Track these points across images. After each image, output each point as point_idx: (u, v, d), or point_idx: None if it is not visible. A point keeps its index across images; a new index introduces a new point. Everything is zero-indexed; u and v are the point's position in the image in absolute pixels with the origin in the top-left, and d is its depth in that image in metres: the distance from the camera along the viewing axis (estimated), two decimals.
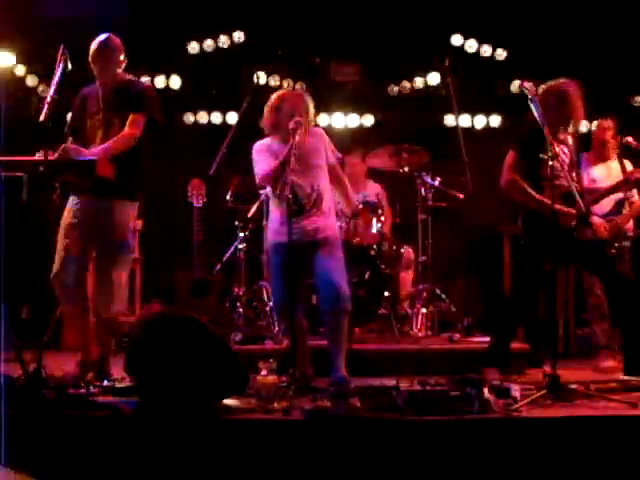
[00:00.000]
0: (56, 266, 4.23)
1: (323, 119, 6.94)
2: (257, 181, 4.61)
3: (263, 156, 4.53)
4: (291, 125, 4.32)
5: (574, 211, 4.40)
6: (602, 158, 5.45)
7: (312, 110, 4.54)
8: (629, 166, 5.36)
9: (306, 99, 4.53)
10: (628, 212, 5.26)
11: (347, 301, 4.33)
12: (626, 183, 4.88)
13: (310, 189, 4.45)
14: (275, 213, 4.56)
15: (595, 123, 5.63)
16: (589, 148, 5.53)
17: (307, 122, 4.47)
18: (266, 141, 4.60)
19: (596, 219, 4.98)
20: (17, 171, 3.77)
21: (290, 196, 4.14)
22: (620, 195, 5.21)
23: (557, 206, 4.16)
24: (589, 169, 5.37)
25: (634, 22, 6.77)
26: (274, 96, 4.60)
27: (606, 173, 5.37)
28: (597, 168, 5.41)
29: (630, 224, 5.35)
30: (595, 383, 4.17)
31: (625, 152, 5.44)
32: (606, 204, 5.16)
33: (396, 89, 7.42)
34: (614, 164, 5.42)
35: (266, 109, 4.57)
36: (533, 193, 4.47)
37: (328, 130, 4.93)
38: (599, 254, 4.54)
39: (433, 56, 7.19)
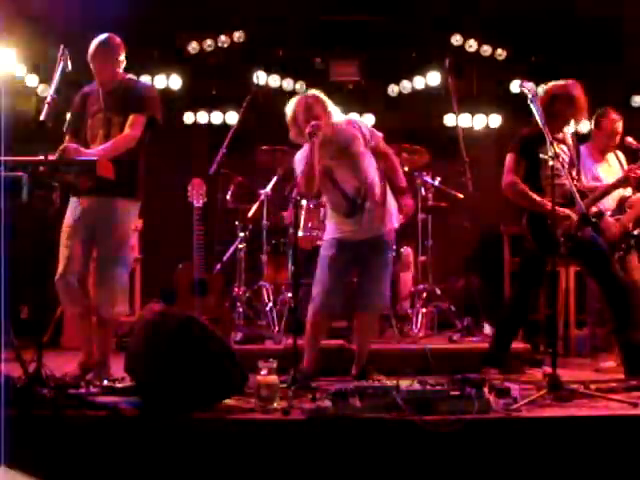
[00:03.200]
0: (60, 268, 4.22)
1: None
2: (298, 191, 4.75)
3: (299, 169, 4.52)
4: (308, 130, 4.32)
5: (575, 215, 4.40)
6: (607, 149, 5.30)
7: (330, 106, 4.52)
8: (623, 159, 5.31)
9: (320, 99, 4.52)
10: (632, 211, 5.12)
11: (385, 308, 4.66)
12: (626, 181, 4.83)
13: (358, 182, 4.43)
14: (330, 211, 4.60)
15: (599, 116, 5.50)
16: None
17: (327, 120, 4.45)
18: (303, 151, 4.56)
19: (608, 220, 4.95)
20: (17, 171, 3.77)
21: (298, 198, 4.19)
22: (621, 192, 5.14)
23: (558, 209, 4.17)
24: (592, 166, 5.25)
25: (634, 22, 6.78)
26: (289, 107, 4.53)
27: (608, 169, 5.31)
28: (600, 165, 5.30)
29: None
30: (595, 383, 4.17)
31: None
32: (610, 203, 5.11)
33: (396, 89, 7.43)
34: (612, 159, 5.35)
35: (287, 121, 4.53)
36: (534, 196, 4.47)
37: None
38: (598, 256, 4.54)
39: (433, 56, 7.20)
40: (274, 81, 7.26)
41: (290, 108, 4.53)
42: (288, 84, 7.28)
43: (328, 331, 4.67)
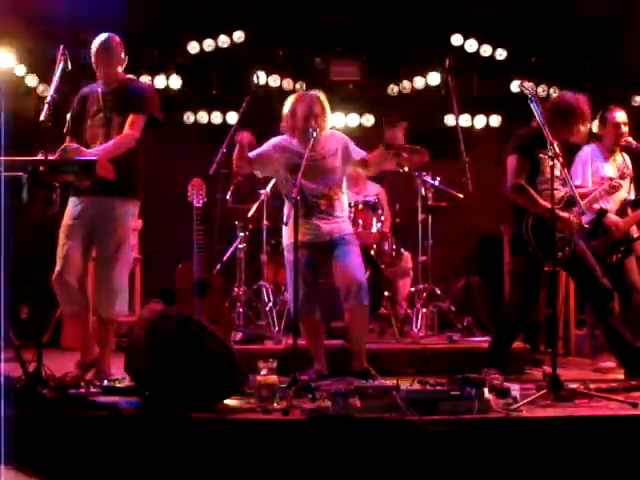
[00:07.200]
0: (58, 267, 4.21)
1: None
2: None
3: (265, 145, 4.66)
4: (308, 126, 4.37)
5: (575, 220, 4.40)
6: (615, 147, 5.14)
7: (328, 111, 4.55)
8: (628, 160, 5.26)
9: (322, 101, 4.54)
10: (635, 214, 5.06)
11: (367, 296, 4.45)
12: (610, 192, 4.82)
13: (322, 192, 4.51)
14: (289, 214, 4.57)
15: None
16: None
17: (323, 124, 4.49)
18: (285, 139, 4.64)
19: (612, 217, 4.92)
20: (17, 171, 3.77)
21: (298, 198, 4.20)
22: (624, 194, 5.11)
23: (560, 213, 4.16)
24: (601, 165, 5.11)
25: (633, 22, 6.78)
26: (290, 99, 4.60)
27: (615, 168, 5.23)
28: (609, 164, 5.15)
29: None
30: (595, 383, 4.18)
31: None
32: (611, 206, 5.06)
33: (396, 89, 7.43)
34: (619, 159, 5.27)
35: (284, 113, 4.59)
36: (539, 199, 4.44)
37: None
38: (582, 262, 4.53)
39: (433, 56, 7.20)
40: (274, 81, 7.27)
41: (291, 101, 4.56)
42: (288, 84, 7.28)
43: (324, 329, 4.68)
